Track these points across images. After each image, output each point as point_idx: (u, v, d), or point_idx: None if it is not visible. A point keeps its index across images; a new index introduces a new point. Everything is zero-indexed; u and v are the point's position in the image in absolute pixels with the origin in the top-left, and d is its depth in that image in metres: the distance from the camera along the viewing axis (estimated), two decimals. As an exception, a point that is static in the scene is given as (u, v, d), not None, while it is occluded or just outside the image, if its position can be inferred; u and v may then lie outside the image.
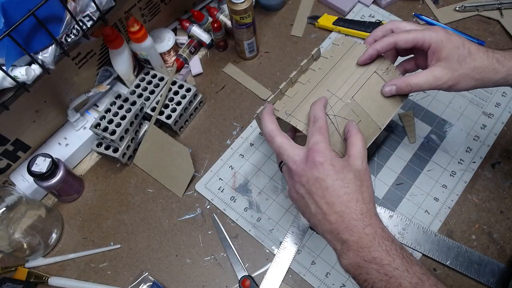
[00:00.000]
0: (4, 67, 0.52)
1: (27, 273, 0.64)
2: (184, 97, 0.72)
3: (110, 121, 0.68)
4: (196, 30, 0.80)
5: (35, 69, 0.55)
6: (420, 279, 0.41)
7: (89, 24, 0.57)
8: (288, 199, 0.67)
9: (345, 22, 0.82)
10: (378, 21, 0.82)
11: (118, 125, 0.67)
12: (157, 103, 0.72)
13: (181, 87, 0.73)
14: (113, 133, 0.66)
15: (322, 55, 0.59)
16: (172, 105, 0.72)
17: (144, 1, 0.72)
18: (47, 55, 0.55)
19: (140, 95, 0.73)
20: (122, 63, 0.71)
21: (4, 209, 0.58)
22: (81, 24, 0.57)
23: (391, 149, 0.70)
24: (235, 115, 0.76)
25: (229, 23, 0.80)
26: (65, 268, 0.65)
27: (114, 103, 0.69)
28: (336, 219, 0.45)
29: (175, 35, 0.81)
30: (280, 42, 0.83)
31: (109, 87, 0.72)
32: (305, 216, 0.49)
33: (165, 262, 0.65)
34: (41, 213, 0.64)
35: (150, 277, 0.63)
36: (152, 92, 0.73)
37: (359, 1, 0.86)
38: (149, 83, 0.74)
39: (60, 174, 0.63)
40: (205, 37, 0.81)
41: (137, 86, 0.74)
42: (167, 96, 0.72)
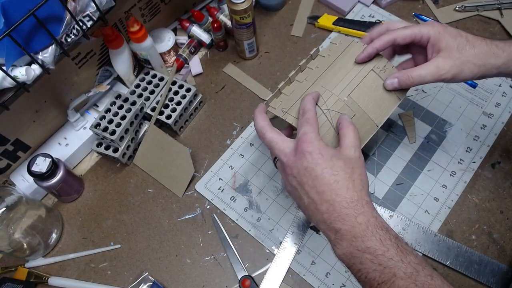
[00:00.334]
0: (4, 67, 0.52)
1: (27, 273, 0.64)
2: (184, 97, 0.72)
3: (110, 121, 0.68)
4: (196, 30, 0.80)
5: (35, 69, 0.55)
6: (415, 269, 0.41)
7: (89, 24, 0.57)
8: (288, 199, 0.67)
9: (345, 22, 0.82)
10: (378, 21, 0.82)
11: (118, 125, 0.67)
12: (157, 103, 0.72)
13: (181, 87, 0.73)
14: (113, 133, 0.66)
15: (320, 53, 0.60)
16: (172, 105, 0.72)
17: (144, 1, 0.72)
18: (47, 55, 0.55)
19: (140, 95, 0.73)
20: (122, 63, 0.71)
21: (4, 209, 0.58)
22: (81, 24, 0.57)
23: (391, 149, 0.70)
24: (235, 115, 0.76)
25: (229, 23, 0.80)
26: (65, 268, 0.65)
27: (114, 103, 0.69)
28: (327, 208, 0.45)
29: (175, 35, 0.81)
30: (280, 42, 0.83)
31: (109, 87, 0.72)
32: (301, 208, 0.50)
33: (165, 262, 0.65)
34: (41, 213, 0.64)
35: (150, 277, 0.63)
36: (152, 92, 0.73)
37: (359, 1, 0.86)
38: (149, 83, 0.74)
39: (60, 174, 0.63)
40: (205, 37, 0.81)
41: (137, 86, 0.74)
42: (167, 96, 0.72)
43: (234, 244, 0.65)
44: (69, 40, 0.57)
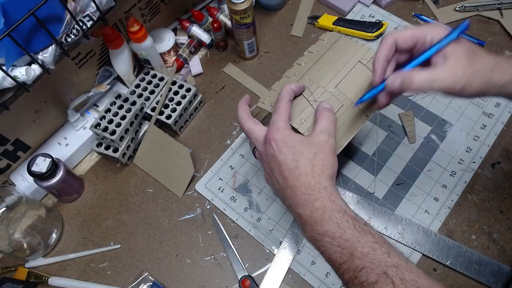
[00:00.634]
0: (4, 67, 0.52)
1: (27, 273, 0.64)
2: (184, 97, 0.72)
3: (110, 121, 0.68)
4: (196, 30, 0.80)
5: (35, 69, 0.55)
6: (372, 248, 0.42)
7: (89, 24, 0.57)
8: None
9: (345, 22, 0.82)
10: (378, 21, 0.82)
11: (118, 125, 0.67)
12: (157, 103, 0.72)
13: (181, 87, 0.73)
14: (113, 133, 0.66)
15: (308, 50, 0.61)
16: (172, 105, 0.72)
17: (144, 1, 0.72)
18: (47, 55, 0.55)
19: (140, 95, 0.73)
20: (122, 63, 0.71)
21: (4, 209, 0.58)
22: (81, 24, 0.57)
23: (391, 149, 0.70)
24: (235, 115, 0.76)
25: (229, 23, 0.80)
26: (65, 268, 0.65)
27: (114, 103, 0.69)
28: (290, 193, 0.47)
29: (175, 35, 0.81)
30: (280, 42, 0.83)
31: (109, 87, 0.72)
32: (277, 195, 0.52)
33: (165, 262, 0.65)
34: (41, 213, 0.64)
35: (150, 277, 0.63)
36: (152, 92, 0.73)
37: (359, 1, 0.86)
38: (149, 83, 0.74)
39: (60, 174, 0.63)
40: (205, 37, 0.81)
41: (137, 86, 0.74)
42: (167, 96, 0.72)
43: (234, 244, 0.65)
44: (69, 40, 0.57)
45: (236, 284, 0.62)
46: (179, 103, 0.72)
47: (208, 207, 0.68)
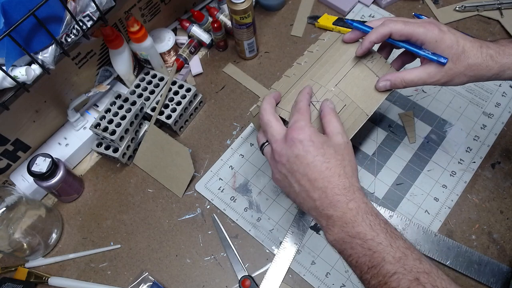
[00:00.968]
0: (4, 67, 0.52)
1: (27, 273, 0.64)
2: (184, 97, 0.72)
3: (110, 121, 0.68)
4: (196, 30, 0.80)
5: (35, 69, 0.55)
6: (404, 254, 0.41)
7: (89, 24, 0.57)
8: (288, 199, 0.67)
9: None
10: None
11: (118, 125, 0.67)
12: (157, 103, 0.72)
13: (181, 87, 0.73)
14: (113, 133, 0.66)
15: (308, 49, 0.61)
16: (172, 105, 0.72)
17: (144, 1, 0.72)
18: (47, 55, 0.55)
19: (140, 95, 0.73)
20: (122, 63, 0.71)
21: (4, 209, 0.58)
22: (81, 24, 0.57)
23: (391, 149, 0.70)
24: (235, 115, 0.76)
25: (229, 23, 0.80)
26: (65, 268, 0.65)
27: (114, 103, 0.69)
28: (320, 195, 0.45)
29: (175, 35, 0.81)
30: (280, 42, 0.83)
31: (109, 87, 0.72)
32: (290, 196, 0.50)
33: (165, 262, 0.65)
34: (41, 213, 0.64)
35: (150, 277, 0.63)
36: (152, 92, 0.73)
37: (359, 1, 0.86)
38: (149, 83, 0.74)
39: (60, 174, 0.63)
40: (205, 37, 0.81)
41: (137, 86, 0.74)
42: (167, 96, 0.72)
43: (234, 244, 0.65)
44: (69, 40, 0.57)
45: (236, 284, 0.62)
46: (179, 103, 0.72)
47: (208, 207, 0.68)
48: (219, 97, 0.78)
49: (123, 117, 0.68)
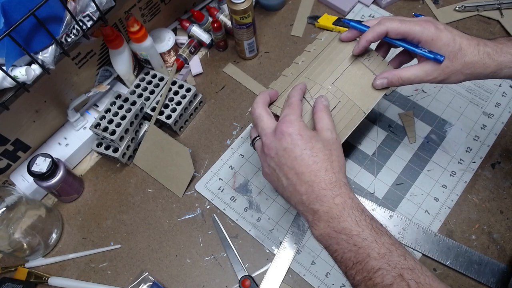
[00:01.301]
0: (4, 67, 0.52)
1: (27, 273, 0.64)
2: (184, 97, 0.72)
3: (110, 121, 0.68)
4: (196, 30, 0.80)
5: (35, 69, 0.55)
6: (389, 250, 0.42)
7: (89, 24, 0.57)
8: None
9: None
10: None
11: (118, 125, 0.67)
12: (157, 103, 0.72)
13: (181, 87, 0.73)
14: (113, 133, 0.66)
15: (306, 49, 0.61)
16: (172, 105, 0.72)
17: (144, 1, 0.72)
18: (47, 55, 0.55)
19: (140, 95, 0.73)
20: (122, 63, 0.71)
21: (4, 209, 0.58)
22: (81, 24, 0.57)
23: (391, 149, 0.70)
24: (235, 115, 0.76)
25: (229, 23, 0.80)
26: (65, 268, 0.65)
27: (114, 103, 0.69)
28: (306, 189, 0.45)
29: (175, 35, 0.81)
30: (280, 42, 0.83)
31: (109, 87, 0.72)
32: (278, 191, 0.50)
33: (165, 262, 0.65)
34: (41, 213, 0.64)
35: (150, 277, 0.63)
36: (152, 92, 0.73)
37: (359, 1, 0.86)
38: (149, 83, 0.74)
39: (60, 174, 0.63)
40: (205, 37, 0.81)
41: (137, 86, 0.74)
42: (167, 96, 0.72)
43: (234, 244, 0.65)
44: (69, 40, 0.57)
45: (236, 284, 0.62)
46: (179, 103, 0.72)
47: (208, 207, 0.68)
48: (219, 97, 0.78)
49: (123, 117, 0.68)
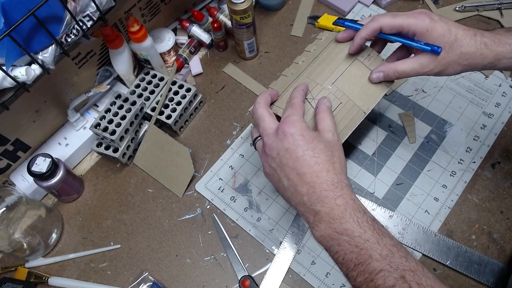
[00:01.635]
0: (4, 67, 0.52)
1: (27, 273, 0.64)
2: (184, 97, 0.72)
3: (110, 121, 0.68)
4: (196, 30, 0.80)
5: (35, 69, 0.55)
6: (390, 251, 0.41)
7: (89, 24, 0.57)
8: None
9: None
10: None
11: (118, 125, 0.67)
12: (157, 103, 0.72)
13: (181, 87, 0.73)
14: (113, 133, 0.66)
15: (306, 49, 0.61)
16: (172, 105, 0.72)
17: (144, 1, 0.72)
18: (47, 55, 0.55)
19: (140, 95, 0.73)
20: (122, 63, 0.71)
21: (4, 209, 0.58)
22: (81, 24, 0.57)
23: (391, 149, 0.70)
24: (235, 115, 0.76)
25: (229, 23, 0.80)
26: (65, 268, 0.65)
27: (114, 103, 0.69)
28: (308, 190, 0.45)
29: (175, 35, 0.81)
30: (280, 42, 0.83)
31: (109, 87, 0.72)
32: (279, 191, 0.50)
33: (165, 262, 0.65)
34: (41, 213, 0.64)
35: (150, 277, 0.63)
36: (152, 92, 0.73)
37: (359, 1, 0.86)
38: (149, 83, 0.74)
39: (60, 174, 0.63)
40: (205, 37, 0.81)
41: (137, 86, 0.74)
42: (167, 96, 0.72)
43: (234, 244, 0.65)
44: (69, 40, 0.57)
45: (236, 284, 0.62)
46: (179, 103, 0.72)
47: (208, 207, 0.68)
48: (219, 97, 0.78)
49: (123, 117, 0.68)
